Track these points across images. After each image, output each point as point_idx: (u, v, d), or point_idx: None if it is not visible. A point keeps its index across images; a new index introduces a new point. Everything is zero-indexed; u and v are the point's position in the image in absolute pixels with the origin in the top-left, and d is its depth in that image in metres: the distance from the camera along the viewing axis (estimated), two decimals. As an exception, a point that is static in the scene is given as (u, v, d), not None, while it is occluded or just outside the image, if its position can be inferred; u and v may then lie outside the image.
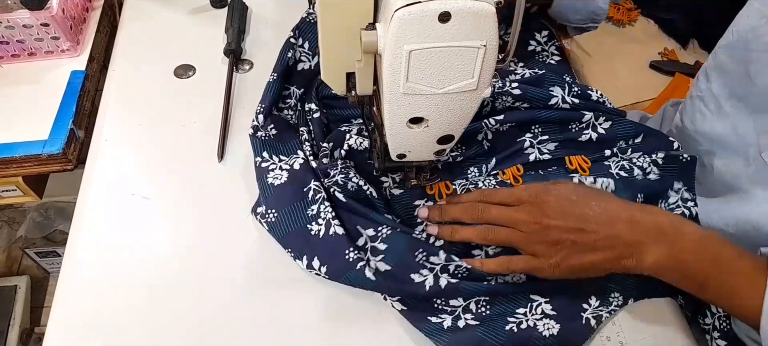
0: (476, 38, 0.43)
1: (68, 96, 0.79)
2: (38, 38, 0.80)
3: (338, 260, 0.58)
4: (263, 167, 0.66)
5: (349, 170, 0.63)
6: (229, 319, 0.59)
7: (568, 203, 0.56)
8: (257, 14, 0.89)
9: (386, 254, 0.59)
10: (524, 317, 0.58)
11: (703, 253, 0.53)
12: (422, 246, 0.59)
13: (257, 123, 0.69)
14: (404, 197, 0.67)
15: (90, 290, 0.60)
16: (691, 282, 0.53)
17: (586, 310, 0.59)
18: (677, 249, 0.53)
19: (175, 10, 0.89)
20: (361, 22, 0.47)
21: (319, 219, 0.61)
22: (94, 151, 0.72)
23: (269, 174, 0.65)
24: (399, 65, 0.45)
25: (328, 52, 0.53)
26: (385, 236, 0.59)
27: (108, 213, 0.66)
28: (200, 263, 0.62)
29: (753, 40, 0.62)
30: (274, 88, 0.71)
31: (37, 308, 1.47)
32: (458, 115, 0.51)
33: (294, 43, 0.74)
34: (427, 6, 0.41)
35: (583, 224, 0.54)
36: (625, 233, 0.54)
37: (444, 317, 0.58)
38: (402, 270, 0.58)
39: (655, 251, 0.53)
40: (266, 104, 0.70)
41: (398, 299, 0.59)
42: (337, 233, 0.59)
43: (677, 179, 0.66)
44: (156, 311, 0.59)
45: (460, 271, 0.58)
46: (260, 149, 0.67)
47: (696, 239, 0.53)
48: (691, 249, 0.53)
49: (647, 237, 0.53)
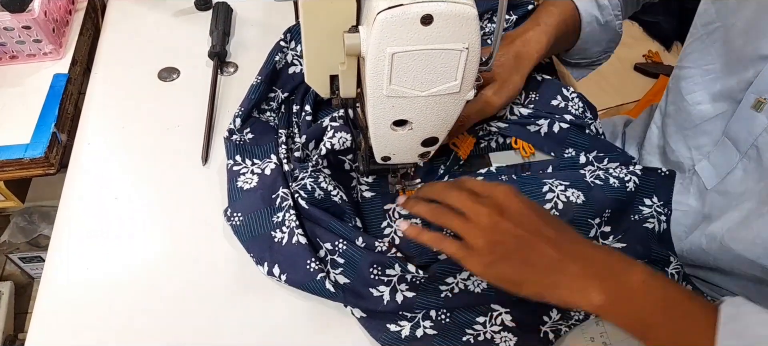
0: (458, 41, 0.43)
1: (51, 99, 0.78)
2: (20, 41, 0.80)
3: (299, 270, 0.58)
4: (234, 170, 0.66)
5: (319, 174, 0.62)
6: (213, 323, 0.58)
7: (529, 212, 0.53)
8: (242, 17, 0.89)
9: (344, 268, 0.59)
10: (483, 329, 0.58)
11: (651, 292, 0.49)
12: (377, 260, 0.58)
13: (233, 126, 0.69)
14: (375, 200, 0.67)
15: (72, 295, 0.60)
16: (637, 324, 0.49)
17: (546, 323, 0.59)
18: (624, 287, 0.49)
19: (159, 12, 0.89)
20: (344, 24, 0.47)
21: (284, 227, 0.61)
22: (76, 154, 0.71)
23: (239, 178, 0.65)
24: (382, 68, 0.45)
25: (312, 54, 0.53)
26: (342, 250, 0.59)
27: (91, 217, 0.65)
28: (184, 266, 0.62)
29: (684, 57, 0.66)
30: (258, 90, 0.71)
31: (20, 313, 1.45)
32: (442, 118, 0.51)
33: (284, 47, 0.74)
34: (409, 9, 0.41)
35: (532, 238, 0.51)
36: (571, 263, 0.51)
37: (403, 325, 0.58)
38: (360, 284, 0.58)
39: (600, 287, 0.49)
40: (246, 108, 0.70)
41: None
42: (300, 242, 0.59)
43: (654, 192, 0.66)
44: (139, 315, 0.59)
45: (417, 279, 0.58)
46: (233, 152, 0.68)
47: (643, 278, 0.50)
48: (638, 288, 0.49)
49: (592, 272, 0.50)
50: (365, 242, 0.60)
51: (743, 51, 0.58)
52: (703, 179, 0.64)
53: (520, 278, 0.51)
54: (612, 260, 0.52)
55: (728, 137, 0.60)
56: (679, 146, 0.67)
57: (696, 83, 0.64)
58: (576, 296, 0.50)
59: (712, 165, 0.63)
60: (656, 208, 0.65)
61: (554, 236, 0.52)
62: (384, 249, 0.60)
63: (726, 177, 0.61)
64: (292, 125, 0.71)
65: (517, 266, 0.51)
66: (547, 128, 0.71)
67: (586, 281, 0.50)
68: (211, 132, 0.72)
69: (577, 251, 0.51)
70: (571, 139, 0.71)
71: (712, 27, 0.62)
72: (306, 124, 0.69)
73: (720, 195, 0.62)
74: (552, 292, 0.51)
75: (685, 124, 0.65)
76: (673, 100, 0.67)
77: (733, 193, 0.61)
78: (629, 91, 1.53)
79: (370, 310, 0.58)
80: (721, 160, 0.62)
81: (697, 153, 0.65)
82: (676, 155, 0.68)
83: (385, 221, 0.65)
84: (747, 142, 0.58)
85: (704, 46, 0.63)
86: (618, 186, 0.64)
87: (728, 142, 0.60)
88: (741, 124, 0.59)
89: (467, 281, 0.59)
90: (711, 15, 0.62)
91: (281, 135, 0.69)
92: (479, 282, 0.59)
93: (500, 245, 0.51)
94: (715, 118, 0.62)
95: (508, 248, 0.51)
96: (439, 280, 0.59)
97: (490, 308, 0.59)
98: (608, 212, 0.63)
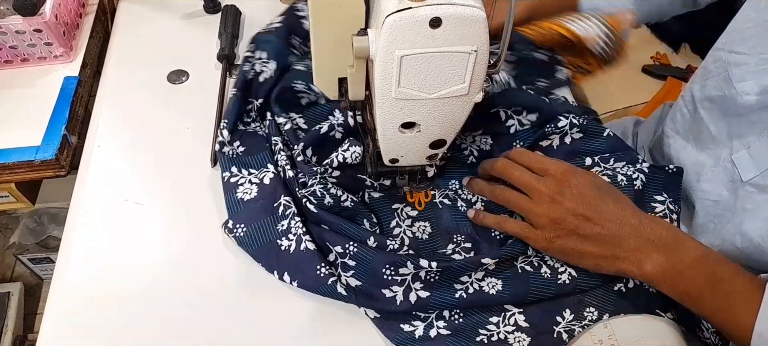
0: (467, 43, 0.44)
1: (61, 102, 0.79)
2: (31, 44, 0.80)
3: (309, 276, 0.58)
4: (232, 182, 0.66)
5: (327, 181, 0.62)
6: (224, 324, 0.59)
7: (587, 190, 0.57)
8: (250, 19, 0.89)
9: (356, 270, 0.59)
10: (496, 329, 0.58)
11: (700, 268, 0.53)
12: (390, 261, 0.58)
13: (223, 139, 0.68)
14: (383, 200, 0.67)
15: (83, 296, 0.60)
16: (685, 296, 0.54)
17: (560, 323, 0.59)
18: (676, 261, 0.54)
19: (169, 15, 0.89)
20: (353, 27, 0.48)
21: (290, 235, 0.60)
22: (86, 156, 0.72)
23: (238, 189, 0.65)
24: (391, 70, 0.45)
25: (321, 57, 0.54)
26: (353, 253, 0.59)
27: (101, 219, 0.66)
28: (193, 268, 0.62)
29: (738, 42, 0.62)
30: (237, 103, 0.70)
31: (30, 314, 1.46)
32: (450, 120, 0.51)
33: (251, 56, 0.73)
34: (418, 12, 0.42)
35: (592, 215, 0.56)
36: (629, 237, 0.55)
37: (417, 325, 0.58)
38: (373, 285, 0.58)
39: (655, 259, 0.54)
40: (230, 119, 0.69)
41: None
42: (308, 248, 0.59)
43: (663, 189, 0.66)
44: (149, 317, 0.59)
45: (432, 274, 0.58)
46: (228, 165, 0.67)
47: (695, 255, 0.54)
48: (689, 263, 0.54)
49: (649, 245, 0.55)
50: (377, 241, 0.60)
51: None
52: (740, 169, 0.62)
53: (581, 250, 0.57)
54: (668, 234, 0.56)
55: None
56: (721, 133, 0.65)
57: (749, 72, 0.61)
58: (632, 266, 0.55)
59: (752, 156, 0.61)
60: (669, 204, 0.65)
61: (614, 210, 0.57)
62: (396, 247, 0.60)
63: (765, 171, 0.60)
64: (282, 133, 0.70)
65: (578, 241, 0.57)
66: (558, 141, 0.70)
67: (641, 253, 0.55)
68: (220, 134, 0.73)
69: (635, 225, 0.56)
70: (585, 147, 0.70)
71: None
72: (291, 133, 0.68)
73: (755, 189, 0.60)
74: (610, 263, 0.56)
75: (731, 111, 0.63)
76: (718, 85, 0.65)
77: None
78: (637, 93, 1.52)
79: (383, 310, 0.58)
80: (763, 153, 0.60)
81: (738, 143, 0.63)
82: (715, 141, 0.65)
83: (395, 219, 0.65)
84: None
85: (764, 32, 0.60)
86: (626, 184, 0.64)
87: None
88: None
89: (482, 282, 0.59)
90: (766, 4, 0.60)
91: (276, 142, 0.68)
92: (494, 284, 0.59)
93: (561, 223, 0.57)
94: (762, 110, 0.60)
95: (569, 225, 0.56)
96: (453, 278, 0.59)
97: (504, 308, 0.59)
98: None
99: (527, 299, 0.59)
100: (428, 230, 0.64)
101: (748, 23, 0.62)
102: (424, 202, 0.66)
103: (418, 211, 0.66)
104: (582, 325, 0.59)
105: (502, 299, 0.59)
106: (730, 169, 0.63)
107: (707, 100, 0.66)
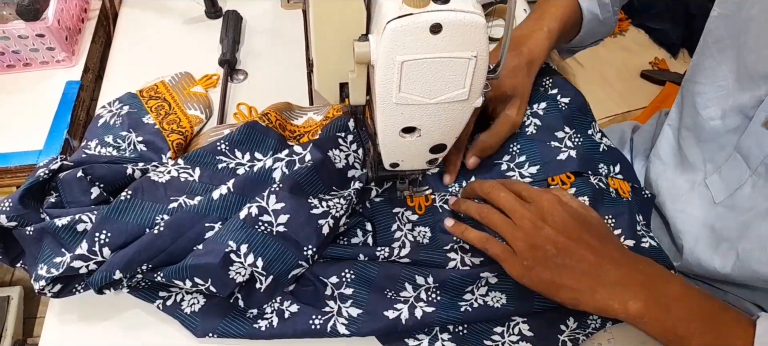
0: (467, 49, 0.44)
1: (63, 106, 0.79)
2: (34, 49, 0.81)
3: (306, 331, 0.57)
4: (169, 306, 0.59)
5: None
6: (223, 328, 0.59)
7: (570, 221, 0.55)
8: (251, 25, 0.90)
9: (354, 298, 0.58)
10: (501, 339, 0.58)
11: (687, 302, 0.51)
12: (389, 284, 0.58)
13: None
14: (384, 204, 0.67)
15: (83, 301, 0.60)
16: (671, 333, 0.51)
17: (563, 332, 0.59)
18: (660, 295, 0.51)
19: (170, 20, 0.90)
20: (354, 33, 0.48)
21: (266, 315, 0.58)
22: (88, 160, 0.72)
23: (182, 305, 0.59)
24: (391, 76, 0.45)
25: (322, 62, 0.54)
26: (350, 279, 0.59)
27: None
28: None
29: (698, 74, 0.65)
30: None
31: (29, 318, 1.46)
32: (450, 125, 0.52)
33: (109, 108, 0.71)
34: (418, 18, 0.42)
35: (571, 246, 0.53)
36: (610, 270, 0.52)
37: (421, 339, 0.58)
38: (375, 308, 0.58)
39: (639, 294, 0.51)
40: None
41: None
42: (292, 312, 0.58)
43: (639, 211, 0.67)
44: (152, 322, 0.59)
45: (432, 294, 0.58)
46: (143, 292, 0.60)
47: (681, 289, 0.52)
48: (675, 297, 0.51)
49: (631, 280, 0.52)
50: (367, 255, 0.60)
51: (755, 68, 0.57)
52: (712, 192, 0.64)
53: (558, 282, 0.53)
54: (652, 270, 0.54)
55: (739, 153, 0.60)
56: (696, 159, 0.67)
57: (709, 99, 0.63)
58: (613, 303, 0.51)
59: (723, 179, 0.63)
60: (643, 227, 0.66)
61: (595, 243, 0.54)
62: (386, 255, 0.60)
63: (735, 192, 0.61)
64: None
65: (556, 271, 0.53)
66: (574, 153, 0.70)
67: (624, 289, 0.51)
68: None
69: (617, 259, 0.53)
70: (598, 156, 0.70)
71: (723, 45, 0.62)
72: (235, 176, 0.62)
73: (727, 209, 0.62)
74: (589, 298, 0.52)
75: (702, 137, 0.65)
76: (689, 113, 0.67)
77: (740, 208, 0.61)
78: (636, 98, 1.53)
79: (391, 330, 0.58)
80: (732, 175, 0.61)
81: (711, 166, 0.64)
82: (693, 167, 0.67)
83: (395, 223, 0.65)
84: (757, 159, 0.58)
85: (716, 62, 0.63)
86: (615, 196, 0.66)
87: (739, 157, 0.60)
88: (752, 141, 0.59)
89: (486, 297, 0.59)
90: (721, 33, 0.62)
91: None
92: (498, 298, 0.59)
93: (540, 250, 0.53)
94: (728, 133, 0.62)
95: (548, 253, 0.53)
96: (457, 295, 0.59)
97: (508, 317, 0.59)
98: (611, 217, 0.65)
99: (532, 311, 0.59)
100: (429, 235, 0.65)
101: (701, 55, 0.65)
102: (424, 206, 0.67)
103: (419, 215, 0.66)
104: (586, 333, 0.59)
105: (507, 311, 0.58)
106: (704, 193, 0.65)
107: (687, 129, 0.68)
